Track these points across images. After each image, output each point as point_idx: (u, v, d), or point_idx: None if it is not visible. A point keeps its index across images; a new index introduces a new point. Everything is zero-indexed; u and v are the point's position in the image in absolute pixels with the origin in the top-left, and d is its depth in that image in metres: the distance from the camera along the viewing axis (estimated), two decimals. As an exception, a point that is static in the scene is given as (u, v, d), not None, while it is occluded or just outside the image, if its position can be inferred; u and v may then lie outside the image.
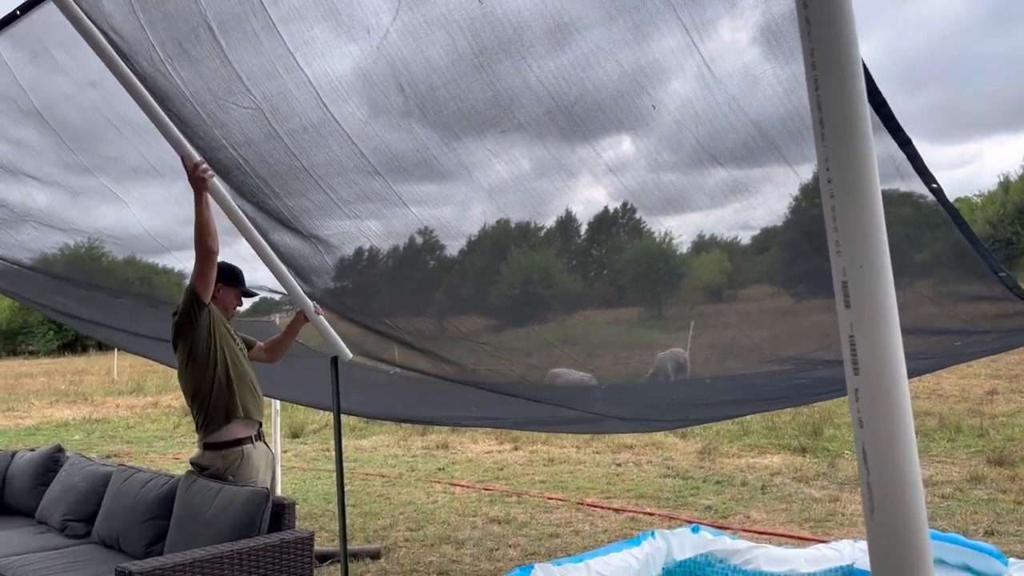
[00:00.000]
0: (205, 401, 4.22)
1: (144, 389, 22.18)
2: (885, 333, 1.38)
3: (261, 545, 3.80)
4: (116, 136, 4.31)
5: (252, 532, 3.90)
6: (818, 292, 3.90)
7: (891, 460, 1.43)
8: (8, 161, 4.59)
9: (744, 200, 3.30)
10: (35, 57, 3.95)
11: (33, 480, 5.35)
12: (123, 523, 4.48)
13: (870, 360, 1.40)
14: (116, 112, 4.07)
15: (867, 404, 1.42)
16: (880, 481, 1.44)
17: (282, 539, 3.88)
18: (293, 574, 3.90)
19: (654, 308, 4.33)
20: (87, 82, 3.90)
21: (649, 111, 3.01)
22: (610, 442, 10.70)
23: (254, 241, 4.34)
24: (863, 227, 1.39)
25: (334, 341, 4.83)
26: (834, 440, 10.21)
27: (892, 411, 1.41)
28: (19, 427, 15.48)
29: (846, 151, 1.40)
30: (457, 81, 2.82)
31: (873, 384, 1.41)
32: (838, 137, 1.41)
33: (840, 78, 1.42)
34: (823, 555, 5.10)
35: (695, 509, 7.35)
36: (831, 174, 1.41)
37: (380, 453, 11.08)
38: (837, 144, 1.40)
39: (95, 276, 5.68)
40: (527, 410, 5.22)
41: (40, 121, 4.27)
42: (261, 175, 3.73)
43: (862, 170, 1.40)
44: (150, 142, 4.24)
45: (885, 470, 1.43)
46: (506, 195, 3.62)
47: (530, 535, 6.60)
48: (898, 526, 1.44)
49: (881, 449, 1.43)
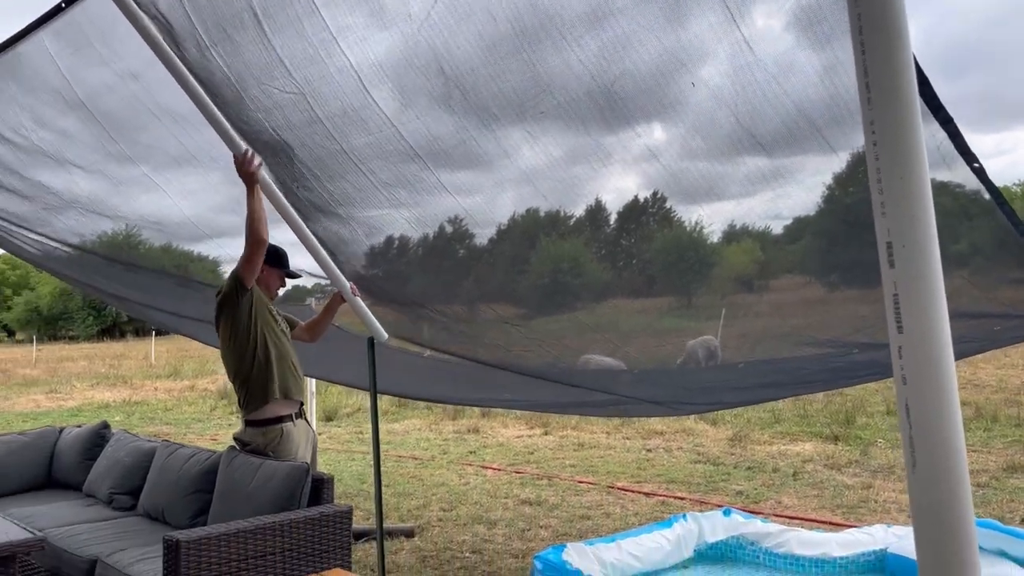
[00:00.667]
0: (245, 381, 4.34)
1: (181, 373, 22.60)
2: (929, 291, 1.40)
3: (301, 518, 3.90)
4: (156, 125, 4.41)
5: (292, 506, 4.00)
6: (852, 282, 3.89)
7: (934, 415, 1.44)
8: (54, 150, 4.73)
9: (776, 189, 3.29)
10: (78, 49, 4.06)
11: (80, 455, 5.52)
12: (167, 496, 4.62)
13: (914, 317, 1.42)
14: (156, 102, 4.17)
15: (911, 361, 1.44)
16: (922, 436, 1.45)
17: (321, 513, 3.98)
18: (332, 547, 4.00)
19: (684, 298, 4.34)
20: (128, 73, 4.00)
21: (684, 95, 3.03)
22: (640, 428, 10.73)
23: (295, 225, 4.43)
24: (908, 188, 1.41)
25: (371, 322, 4.92)
26: (867, 428, 10.14)
27: (936, 367, 1.42)
28: (62, 408, 15.87)
29: (891, 114, 1.41)
30: (497, 62, 2.86)
31: (917, 341, 1.42)
32: (884, 100, 1.42)
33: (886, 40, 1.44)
34: (856, 539, 5.10)
35: (726, 494, 7.36)
36: (876, 137, 1.43)
37: (412, 436, 11.21)
38: (882, 107, 1.42)
39: (134, 263, 5.84)
40: (558, 393, 5.27)
41: (84, 112, 4.38)
42: (302, 159, 3.81)
43: (907, 132, 1.41)
44: (188, 131, 4.35)
45: (928, 425, 1.45)
46: (536, 184, 3.65)
47: (561, 517, 6.67)
48: (940, 479, 1.46)
49: (924, 404, 1.45)
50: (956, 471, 1.48)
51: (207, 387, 18.65)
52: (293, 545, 3.85)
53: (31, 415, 14.74)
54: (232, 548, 3.66)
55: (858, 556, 4.97)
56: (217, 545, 3.62)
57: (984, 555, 4.75)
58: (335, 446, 10.57)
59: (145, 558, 3.91)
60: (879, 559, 4.96)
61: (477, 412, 12.63)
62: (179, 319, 6.61)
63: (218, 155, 4.51)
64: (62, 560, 4.18)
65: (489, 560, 5.59)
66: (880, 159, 1.43)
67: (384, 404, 14.04)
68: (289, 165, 4.02)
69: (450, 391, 6.47)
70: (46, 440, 5.74)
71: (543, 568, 4.60)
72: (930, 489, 1.49)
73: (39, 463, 5.60)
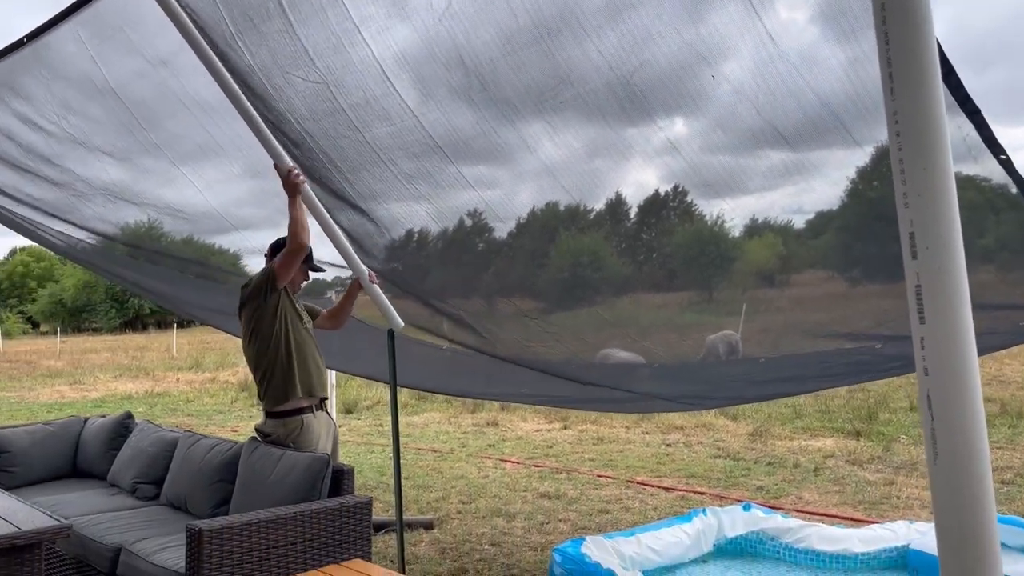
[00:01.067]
0: (267, 375, 4.38)
1: (202, 365, 22.80)
2: (952, 282, 1.39)
3: (322, 509, 3.92)
4: (184, 115, 4.45)
5: (312, 496, 4.03)
6: (875, 276, 3.85)
7: (956, 406, 1.44)
8: (84, 137, 4.78)
9: (799, 183, 3.27)
10: (108, 37, 4.10)
11: (105, 445, 5.59)
12: (190, 486, 4.66)
13: (936, 308, 1.41)
14: (185, 90, 4.21)
15: (932, 352, 1.43)
16: (944, 427, 1.45)
17: (342, 503, 4.00)
18: (352, 537, 4.03)
19: (704, 292, 4.32)
20: (158, 60, 4.03)
21: (705, 89, 3.01)
22: (660, 422, 10.70)
23: (317, 213, 4.46)
24: (931, 178, 1.40)
25: (387, 309, 4.92)
26: (889, 424, 10.05)
27: (957, 358, 1.42)
28: (86, 399, 16.07)
29: (915, 104, 1.40)
30: (517, 53, 2.86)
31: (939, 332, 1.42)
32: (907, 90, 1.41)
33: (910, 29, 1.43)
34: (877, 535, 5.07)
35: (746, 489, 7.33)
36: (900, 127, 1.42)
37: (431, 429, 11.25)
38: (906, 97, 1.41)
39: (157, 255, 5.89)
40: (576, 389, 5.26)
41: (113, 99, 4.42)
42: (324, 149, 3.83)
43: (931, 122, 1.40)
44: (216, 121, 4.39)
45: (950, 416, 1.44)
46: (556, 178, 3.65)
47: (580, 510, 6.67)
48: (962, 472, 1.45)
49: (946, 396, 1.45)
50: (978, 463, 1.47)
51: (228, 379, 18.82)
52: (314, 535, 3.88)
53: (55, 406, 14.94)
54: (253, 537, 3.69)
55: (880, 552, 4.93)
56: (239, 534, 3.65)
57: (1008, 552, 4.69)
58: (355, 438, 10.62)
59: (168, 546, 3.95)
60: (901, 555, 4.92)
61: (496, 406, 12.64)
62: (204, 310, 6.66)
63: (238, 147, 4.55)
64: (87, 548, 4.23)
65: (508, 552, 5.60)
66: (903, 149, 1.43)
67: (404, 397, 14.10)
68: (311, 155, 4.04)
69: (468, 385, 6.49)
70: (71, 430, 5.81)
71: (562, 561, 4.60)
72: (952, 481, 1.48)
73: (64, 453, 5.67)
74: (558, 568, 4.61)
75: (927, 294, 1.40)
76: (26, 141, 4.94)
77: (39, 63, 4.34)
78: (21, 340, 46.47)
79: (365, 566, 3.89)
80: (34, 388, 18.34)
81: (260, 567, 3.70)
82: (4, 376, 21.59)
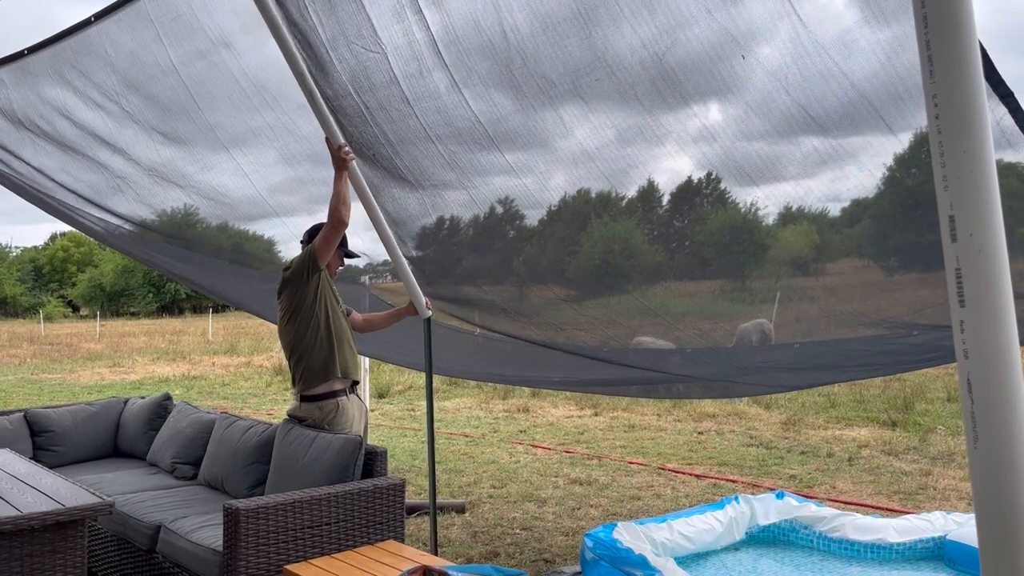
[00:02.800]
0: (305, 357, 4.41)
1: (237, 349, 23.13)
2: (993, 263, 1.39)
3: (355, 490, 3.97)
4: (234, 99, 4.50)
5: (346, 478, 4.08)
6: (911, 266, 3.80)
7: (996, 389, 1.44)
8: (140, 115, 4.85)
9: (835, 170, 3.23)
10: (175, 17, 4.16)
11: (144, 425, 5.70)
12: (226, 467, 4.74)
13: (976, 291, 1.41)
14: (244, 72, 4.25)
15: (973, 335, 1.43)
16: (984, 410, 1.44)
17: (375, 485, 4.05)
18: (385, 518, 4.07)
19: (737, 280, 4.28)
20: (221, 41, 4.09)
21: (739, 73, 2.97)
22: (692, 410, 10.65)
23: (365, 197, 4.51)
24: (971, 161, 1.39)
25: (417, 295, 4.94)
26: (926, 415, 9.91)
27: (998, 340, 1.42)
28: (125, 381, 16.39)
29: (955, 86, 1.39)
30: (555, 30, 2.86)
31: (979, 315, 1.41)
32: (947, 73, 1.39)
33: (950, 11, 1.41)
34: (913, 526, 5.00)
35: (779, 478, 7.28)
36: (939, 110, 1.40)
37: (463, 415, 11.31)
38: (945, 80, 1.39)
39: (192, 242, 5.98)
40: (606, 371, 5.25)
41: (175, 78, 4.47)
42: (378, 122, 3.87)
43: (971, 104, 1.39)
44: (259, 107, 4.44)
45: (990, 399, 1.44)
46: (588, 165, 3.64)
47: (611, 496, 6.67)
48: (1003, 454, 1.45)
49: (986, 378, 1.44)
50: (1019, 447, 1.46)
51: (263, 363, 19.07)
52: (347, 516, 3.93)
53: (96, 387, 15.26)
54: (288, 517, 3.75)
55: (915, 543, 4.87)
56: (274, 514, 3.71)
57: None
58: (387, 423, 10.72)
59: (206, 525, 4.02)
60: (937, 546, 4.86)
61: (527, 392, 12.67)
62: (239, 295, 6.75)
63: (275, 136, 4.60)
64: (127, 526, 4.33)
65: (539, 537, 5.62)
66: (943, 132, 1.42)
67: (436, 383, 14.16)
68: (365, 130, 4.07)
69: (498, 368, 6.50)
70: (112, 411, 5.94)
71: (594, 546, 4.61)
72: (993, 466, 1.47)
73: (105, 433, 5.80)
74: (589, 553, 4.62)
75: (967, 277, 1.40)
76: (81, 118, 5.02)
77: (106, 41, 4.42)
78: (62, 323, 47.47)
79: (398, 547, 3.94)
80: (75, 370, 18.74)
81: (295, 546, 3.76)
82: (46, 358, 22.09)
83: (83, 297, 61.67)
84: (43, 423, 5.54)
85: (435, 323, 5.24)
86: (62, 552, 3.41)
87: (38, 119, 5.18)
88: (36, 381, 16.55)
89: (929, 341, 3.91)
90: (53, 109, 5.07)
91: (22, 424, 5.50)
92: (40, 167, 5.52)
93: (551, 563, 5.10)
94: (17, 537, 3.27)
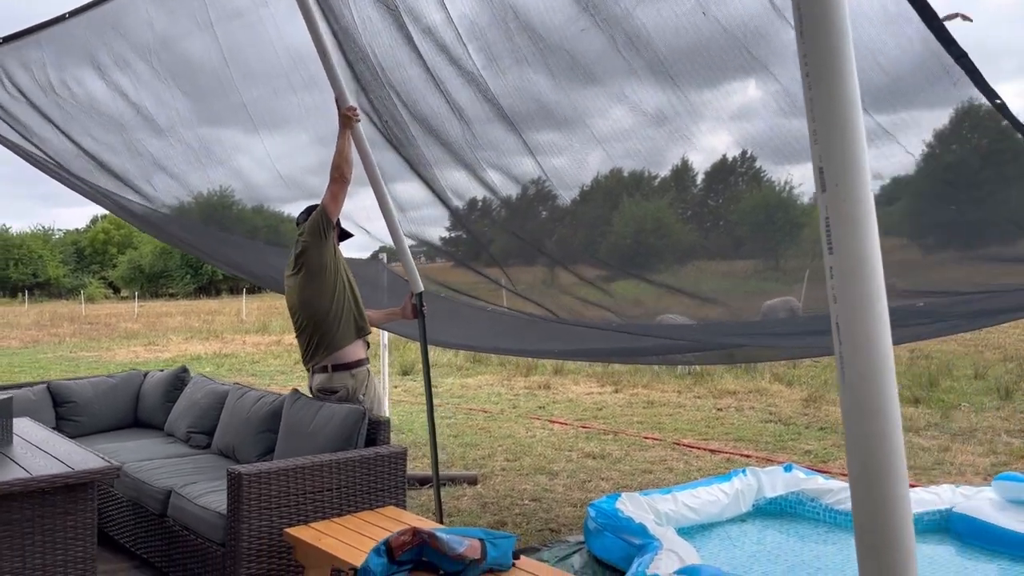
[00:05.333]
0: (335, 318, 4.42)
1: (269, 328, 23.50)
2: (858, 212, 1.48)
3: (357, 457, 4.06)
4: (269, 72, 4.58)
5: (349, 446, 4.17)
6: (948, 243, 3.75)
7: (862, 329, 1.54)
8: (186, 101, 4.97)
9: (876, 148, 3.17)
10: None
11: (162, 397, 5.86)
12: (238, 435, 4.87)
13: (843, 238, 1.53)
14: (281, 36, 4.32)
15: (841, 280, 1.55)
16: (851, 349, 1.56)
17: (377, 452, 4.13)
18: (387, 486, 4.16)
19: (771, 260, 4.25)
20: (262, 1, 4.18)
21: (780, 50, 2.89)
22: (712, 387, 10.63)
23: (374, 178, 4.61)
24: (838, 116, 1.51)
25: (412, 272, 5.01)
26: (951, 392, 9.78)
27: (864, 284, 1.54)
28: (158, 359, 16.77)
29: (822, 44, 1.54)
30: (586, 14, 2.87)
31: (846, 261, 1.53)
32: (814, 32, 1.53)
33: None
34: (921, 498, 4.98)
35: (794, 453, 7.26)
36: (808, 68, 1.54)
37: (484, 391, 11.40)
38: (814, 38, 1.53)
39: (227, 224, 6.10)
40: (618, 342, 5.26)
41: (212, 38, 4.55)
42: (399, 90, 3.94)
43: (837, 62, 1.52)
44: (296, 89, 4.54)
45: (856, 339, 1.55)
46: (622, 143, 3.62)
47: (623, 470, 6.71)
48: (869, 390, 1.55)
49: (853, 320, 1.55)
50: (884, 383, 1.57)
51: (293, 342, 19.32)
52: (349, 482, 4.02)
53: (130, 364, 15.63)
54: (291, 483, 3.85)
55: (922, 515, 4.85)
56: (276, 479, 3.81)
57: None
58: (409, 399, 10.85)
59: (213, 490, 4.14)
60: (944, 518, 4.83)
61: (550, 369, 12.73)
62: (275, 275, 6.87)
63: (316, 114, 4.68)
64: (141, 491, 4.47)
65: (547, 508, 5.69)
66: (812, 88, 1.55)
67: (459, 360, 14.31)
68: (381, 94, 4.13)
69: (497, 341, 6.53)
70: (132, 383, 6.10)
71: (596, 515, 4.67)
72: (859, 400, 1.58)
73: (125, 404, 5.97)
74: (592, 523, 4.68)
75: (835, 225, 1.49)
76: (121, 92, 5.10)
77: (152, 3, 4.53)
78: (103, 304, 48.59)
79: (397, 512, 4.02)
80: (111, 348, 19.21)
81: (297, 511, 3.86)
82: (85, 337, 22.65)
83: (123, 278, 63.00)
84: (65, 394, 5.72)
85: (439, 298, 5.31)
86: (72, 514, 3.54)
87: (78, 91, 5.23)
88: (73, 359, 17.00)
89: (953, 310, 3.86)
90: (102, 80, 5.11)
91: (45, 395, 5.68)
92: (84, 146, 5.59)
93: (557, 532, 5.16)
94: (28, 499, 3.40)
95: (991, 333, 15.36)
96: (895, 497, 1.53)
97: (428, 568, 3.14)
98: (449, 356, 14.57)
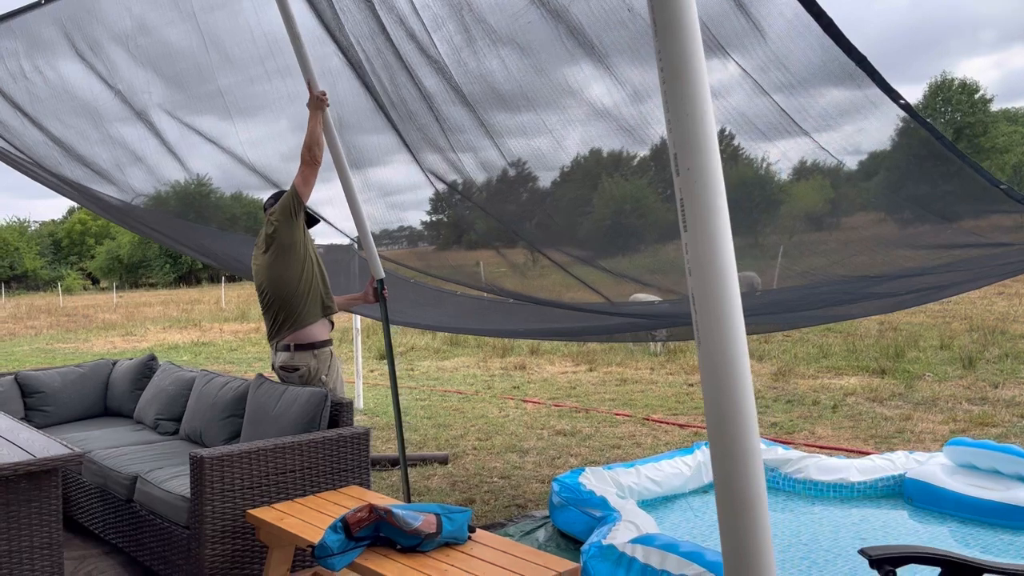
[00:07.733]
0: (301, 296, 4.48)
1: (248, 316, 23.44)
2: (708, 193, 1.58)
3: (319, 439, 4.12)
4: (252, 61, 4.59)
5: (313, 428, 4.23)
6: (925, 218, 3.83)
7: (714, 299, 1.68)
8: (162, 88, 4.95)
9: (854, 123, 3.20)
10: None
11: (131, 385, 5.89)
12: (204, 421, 4.92)
13: (695, 217, 1.66)
14: (259, 23, 4.33)
15: (694, 255, 1.69)
16: (705, 318, 1.69)
17: (339, 434, 4.20)
18: (351, 466, 4.23)
19: (750, 237, 4.31)
20: None
21: (761, 24, 2.91)
22: (684, 364, 10.76)
23: (343, 171, 4.67)
24: (688, 105, 1.64)
25: (374, 258, 5.07)
26: (916, 362, 9.97)
27: (715, 259, 1.67)
28: (135, 349, 16.72)
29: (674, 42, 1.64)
30: None
31: (698, 237, 1.67)
32: (666, 30, 1.62)
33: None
34: (875, 465, 5.12)
35: (761, 426, 7.38)
36: (662, 63, 1.64)
37: (460, 373, 11.49)
38: (667, 37, 1.62)
39: (205, 212, 6.10)
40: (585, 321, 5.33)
41: (192, 24, 4.55)
42: (391, 64, 3.99)
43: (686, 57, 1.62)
44: (270, 76, 4.54)
45: (709, 307, 1.69)
46: (600, 123, 3.64)
47: (592, 446, 6.82)
48: (723, 355, 1.70)
49: (706, 292, 1.68)
50: (735, 349, 1.73)
51: (271, 329, 19.31)
52: (312, 464, 4.09)
53: (107, 355, 15.58)
54: (254, 465, 3.91)
55: (876, 481, 5.00)
56: (239, 462, 3.87)
57: (1003, 478, 4.71)
58: (385, 382, 10.91)
59: (179, 475, 4.20)
60: (898, 484, 4.97)
61: (526, 350, 12.83)
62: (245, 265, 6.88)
63: (283, 105, 4.70)
64: (108, 478, 4.52)
65: (516, 485, 5.79)
66: (666, 82, 1.65)
67: (436, 342, 14.38)
68: (374, 66, 4.18)
69: (462, 321, 6.60)
70: (100, 372, 6.13)
71: (559, 490, 4.77)
72: (713, 364, 1.74)
73: (94, 393, 5.99)
74: (556, 497, 4.78)
75: (688, 205, 1.59)
76: (94, 83, 5.06)
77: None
78: (81, 296, 48.16)
79: (360, 491, 4.10)
80: (88, 340, 19.11)
81: (260, 493, 3.92)
82: (62, 329, 22.51)
83: (102, 269, 62.40)
84: (34, 385, 5.74)
85: (409, 283, 5.37)
86: (37, 501, 3.59)
87: (51, 76, 5.21)
88: (50, 351, 16.91)
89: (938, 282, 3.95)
90: (76, 65, 5.06)
91: (13, 386, 5.69)
92: (60, 138, 5.55)
93: (523, 508, 5.26)
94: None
95: (958, 303, 15.61)
96: (746, 450, 1.72)
97: (385, 543, 3.22)
98: (427, 339, 14.64)
